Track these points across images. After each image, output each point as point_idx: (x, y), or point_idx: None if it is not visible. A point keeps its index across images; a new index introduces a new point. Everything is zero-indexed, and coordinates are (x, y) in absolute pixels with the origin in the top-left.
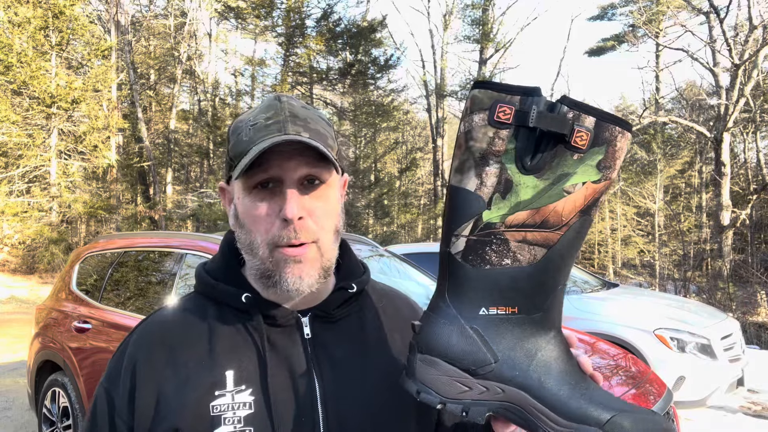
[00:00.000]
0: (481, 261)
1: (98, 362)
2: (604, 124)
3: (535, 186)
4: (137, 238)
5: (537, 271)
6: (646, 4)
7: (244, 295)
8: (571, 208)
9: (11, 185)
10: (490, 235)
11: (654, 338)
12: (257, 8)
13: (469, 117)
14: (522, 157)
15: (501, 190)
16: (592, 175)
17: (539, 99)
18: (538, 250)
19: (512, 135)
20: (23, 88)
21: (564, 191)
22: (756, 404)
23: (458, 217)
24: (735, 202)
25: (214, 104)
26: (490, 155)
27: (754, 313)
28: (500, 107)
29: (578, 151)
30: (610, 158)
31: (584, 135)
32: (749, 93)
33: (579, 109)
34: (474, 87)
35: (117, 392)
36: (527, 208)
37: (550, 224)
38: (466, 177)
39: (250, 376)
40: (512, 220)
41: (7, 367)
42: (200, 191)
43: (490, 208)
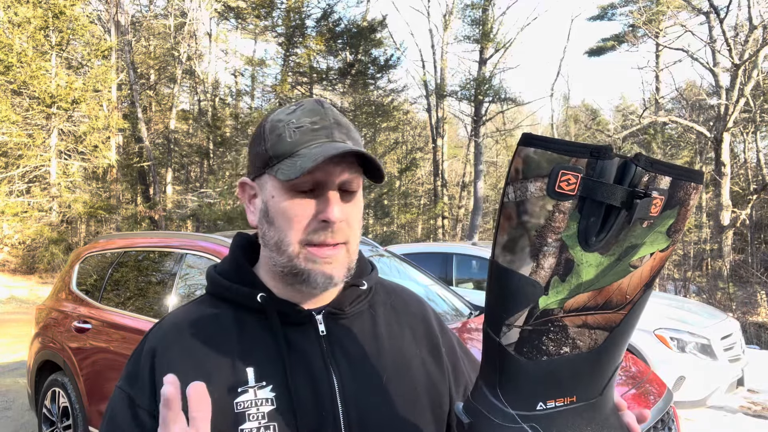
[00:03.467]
0: (537, 352)
1: (98, 362)
2: (680, 182)
3: (599, 264)
4: (137, 238)
5: (598, 355)
6: (646, 4)
7: (259, 295)
8: (636, 284)
9: (11, 185)
10: (547, 323)
11: (654, 338)
12: (257, 8)
13: (521, 184)
14: (587, 231)
15: (560, 272)
16: (661, 243)
17: (610, 163)
18: (599, 333)
19: (576, 207)
20: (23, 88)
21: (630, 266)
22: (756, 404)
23: (511, 306)
24: (735, 202)
25: (214, 104)
26: (548, 232)
27: (754, 313)
28: (563, 175)
29: (649, 219)
30: (682, 220)
31: (658, 201)
32: (749, 93)
33: (655, 169)
34: (525, 143)
35: (137, 387)
36: (589, 289)
37: (614, 304)
38: (519, 259)
39: (269, 373)
40: (572, 304)
41: (7, 367)
42: (200, 191)
43: (548, 293)
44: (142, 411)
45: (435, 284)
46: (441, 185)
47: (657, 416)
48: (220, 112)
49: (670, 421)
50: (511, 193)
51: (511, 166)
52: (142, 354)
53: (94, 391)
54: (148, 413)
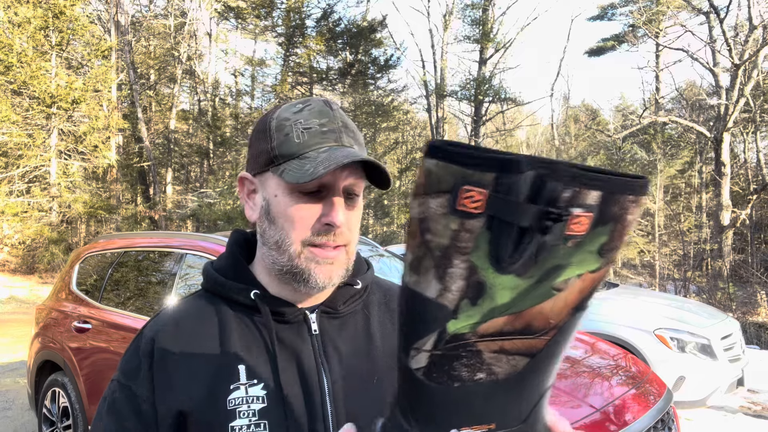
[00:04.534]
0: (448, 378)
1: (98, 362)
2: (613, 197)
3: (516, 286)
4: (137, 238)
5: (518, 382)
6: (646, 4)
7: (253, 292)
8: (561, 308)
9: (11, 185)
10: (459, 348)
11: (654, 338)
12: (257, 8)
13: (423, 199)
14: (498, 253)
15: (470, 295)
16: (591, 263)
17: (521, 178)
18: (519, 359)
19: (484, 226)
20: (23, 88)
21: (553, 289)
22: (756, 404)
23: (417, 328)
24: (735, 202)
25: (214, 104)
26: (454, 253)
27: (754, 313)
28: (466, 192)
29: (574, 238)
30: (617, 237)
31: (584, 219)
32: (749, 93)
33: (578, 183)
34: (428, 153)
35: (137, 379)
36: (505, 313)
37: (535, 329)
38: (425, 280)
39: (261, 371)
40: (486, 328)
41: (7, 367)
42: (200, 191)
43: (457, 316)
44: (143, 402)
45: None
46: None
47: (657, 416)
48: (220, 112)
49: (670, 421)
50: (414, 209)
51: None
52: (140, 346)
53: (94, 391)
54: (148, 403)
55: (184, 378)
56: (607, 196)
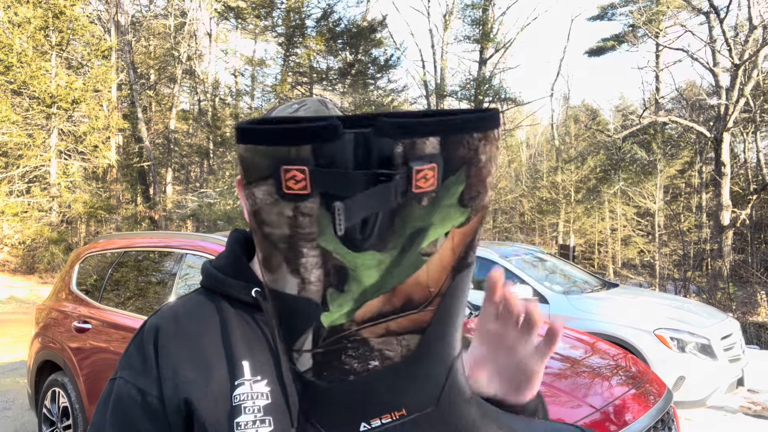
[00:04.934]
0: (340, 374)
1: (98, 362)
2: (454, 138)
3: (380, 263)
4: (137, 238)
5: (415, 362)
6: (646, 4)
7: (254, 290)
8: (438, 273)
9: (11, 185)
10: (342, 341)
11: (654, 338)
12: (257, 8)
13: (248, 190)
14: (347, 231)
15: (334, 282)
16: (455, 217)
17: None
18: (409, 338)
19: (321, 206)
20: (23, 88)
21: (423, 255)
22: (756, 404)
23: (291, 330)
24: (735, 202)
25: (214, 104)
26: (300, 241)
27: (754, 313)
28: (287, 172)
29: (426, 195)
30: (477, 182)
31: (428, 173)
32: (749, 93)
33: (408, 132)
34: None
35: (143, 375)
36: (378, 293)
37: (416, 303)
38: (280, 277)
39: (264, 368)
40: (363, 314)
41: (7, 367)
42: (200, 191)
43: (328, 308)
44: (152, 398)
45: None
46: None
47: (657, 416)
48: (220, 112)
49: (670, 421)
50: (244, 203)
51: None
52: (142, 341)
53: (94, 391)
54: (157, 399)
55: (189, 369)
56: (448, 140)
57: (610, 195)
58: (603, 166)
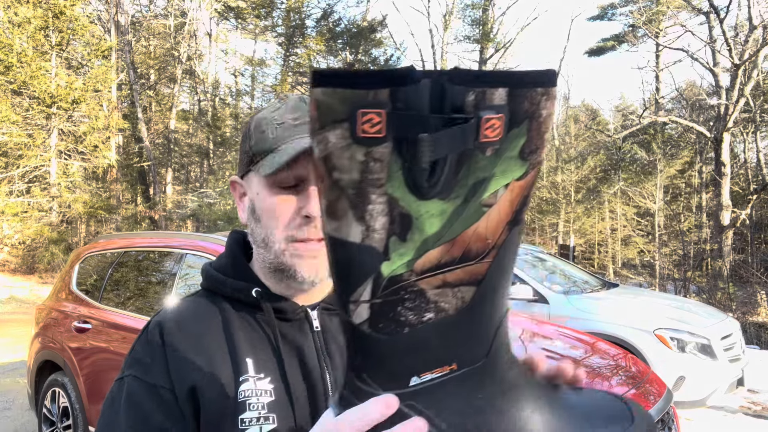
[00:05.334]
0: (396, 325)
1: (98, 362)
2: (520, 91)
3: (443, 212)
4: (137, 238)
5: (470, 315)
6: (646, 4)
7: (254, 290)
8: (496, 225)
9: (11, 185)
10: (399, 291)
11: (654, 338)
12: (257, 8)
13: (321, 135)
14: (414, 177)
15: (397, 230)
16: (515, 170)
17: (418, 88)
18: (465, 290)
19: (393, 152)
20: (23, 88)
21: (483, 206)
22: (756, 404)
23: (350, 280)
24: (735, 202)
25: (214, 104)
26: (368, 187)
27: (754, 313)
28: (364, 115)
29: (491, 145)
30: (536, 137)
31: (496, 122)
32: (749, 93)
33: (481, 83)
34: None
35: (152, 370)
36: (439, 243)
37: (474, 254)
38: (344, 225)
39: (267, 366)
40: (423, 264)
41: (7, 367)
42: (200, 191)
43: (389, 257)
44: (164, 391)
45: None
46: None
47: (657, 416)
48: (220, 112)
49: (670, 421)
50: (315, 149)
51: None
52: (149, 338)
53: (94, 391)
54: (168, 391)
55: (194, 363)
56: (514, 92)
57: (610, 195)
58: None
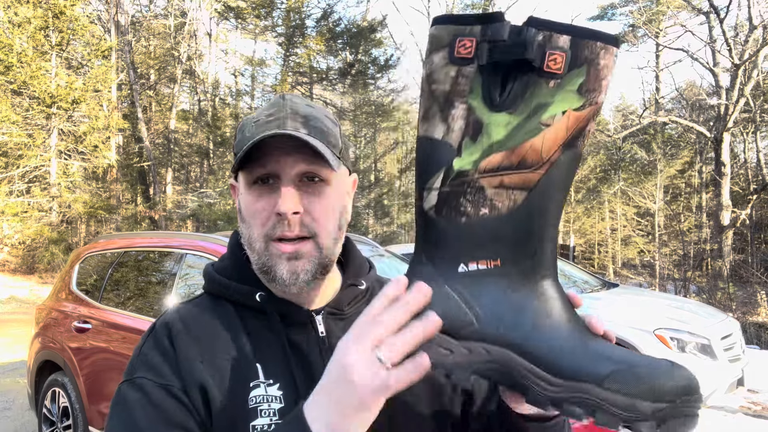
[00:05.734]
0: (456, 213)
1: (98, 362)
2: (582, 41)
3: (508, 123)
4: (137, 238)
5: (518, 216)
6: (646, 4)
7: (258, 294)
8: (551, 143)
9: (11, 185)
10: (464, 184)
11: (654, 338)
12: (257, 8)
13: (429, 59)
14: (490, 93)
15: (470, 133)
16: (573, 101)
17: (502, 26)
18: (517, 194)
19: (477, 71)
20: (23, 88)
21: (541, 124)
22: (756, 404)
23: (428, 169)
24: (735, 202)
25: (214, 104)
26: (455, 97)
27: (754, 313)
28: (460, 41)
29: (554, 77)
30: (594, 79)
31: (558, 57)
32: (749, 93)
33: (549, 28)
34: (434, 23)
35: (163, 372)
36: (501, 149)
37: (529, 163)
38: (432, 124)
39: (276, 372)
40: (486, 164)
41: (7, 367)
42: (200, 191)
43: (461, 154)
44: (179, 392)
45: None
46: None
47: None
48: (220, 112)
49: None
50: (424, 71)
51: None
52: (157, 340)
53: (94, 391)
54: (183, 393)
55: (205, 364)
56: (576, 41)
57: (610, 195)
58: (603, 166)
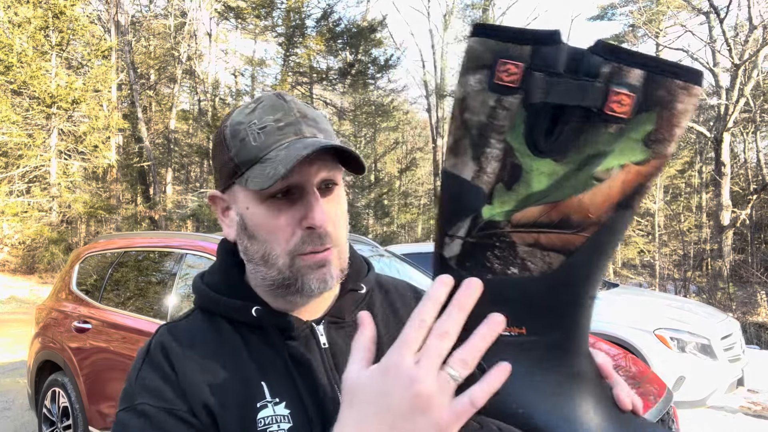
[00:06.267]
0: (481, 269)
1: (98, 362)
2: (658, 77)
3: (553, 173)
4: (137, 238)
5: (552, 283)
6: (646, 4)
7: (254, 309)
8: (602, 201)
9: (11, 185)
10: (492, 237)
11: (654, 338)
12: (257, 8)
13: (464, 78)
14: (534, 134)
15: (505, 178)
16: (635, 153)
17: (558, 49)
18: (553, 256)
19: (521, 104)
20: (23, 88)
21: (593, 178)
22: (756, 404)
23: (453, 214)
24: (735, 202)
25: (214, 104)
26: (491, 132)
27: (754, 313)
28: (503, 64)
29: (617, 122)
30: (666, 127)
31: (624, 99)
32: (749, 93)
33: (619, 58)
34: (471, 33)
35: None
36: (541, 202)
37: (572, 223)
38: (462, 161)
39: (281, 390)
40: (520, 217)
41: (7, 367)
42: (200, 191)
43: (492, 202)
44: (185, 414)
45: None
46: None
47: (657, 416)
48: (220, 112)
49: (670, 421)
50: (456, 91)
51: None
52: (154, 362)
53: (95, 391)
54: (190, 414)
55: (207, 384)
56: (652, 77)
57: None
58: None
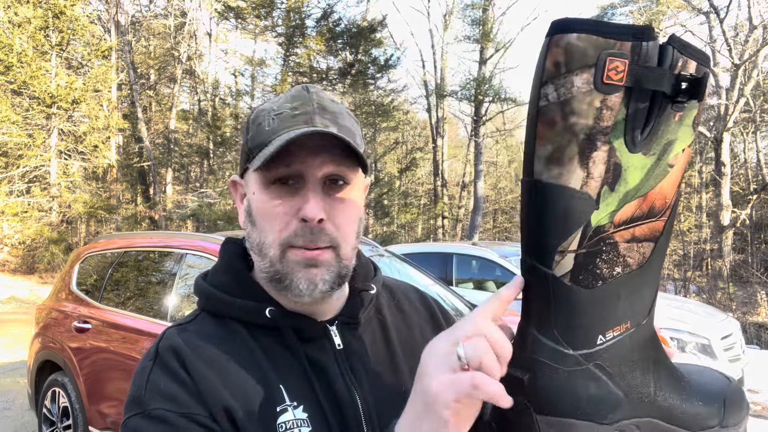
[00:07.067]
0: (593, 278)
1: (98, 362)
2: (703, 69)
3: (643, 166)
4: (137, 238)
5: (647, 271)
6: (646, 4)
7: (268, 309)
8: (672, 185)
9: (11, 185)
10: (600, 243)
11: None
12: (257, 8)
13: (564, 79)
14: (633, 130)
15: (610, 180)
16: (688, 137)
17: (654, 45)
18: (646, 246)
19: (623, 102)
20: (23, 88)
21: (668, 166)
22: (756, 404)
23: (563, 228)
24: (735, 202)
25: (214, 104)
26: (598, 134)
27: (754, 313)
28: (611, 62)
29: (680, 110)
30: (701, 111)
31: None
32: (749, 93)
33: (687, 53)
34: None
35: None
36: (635, 197)
37: (656, 211)
38: (568, 170)
39: (299, 393)
40: (621, 216)
41: (7, 367)
42: (200, 191)
43: (599, 206)
44: (204, 419)
45: (435, 284)
46: (441, 185)
47: None
48: (220, 112)
49: None
50: (551, 93)
51: (545, 61)
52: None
53: (94, 391)
54: (209, 419)
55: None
56: (702, 69)
57: None
58: None
